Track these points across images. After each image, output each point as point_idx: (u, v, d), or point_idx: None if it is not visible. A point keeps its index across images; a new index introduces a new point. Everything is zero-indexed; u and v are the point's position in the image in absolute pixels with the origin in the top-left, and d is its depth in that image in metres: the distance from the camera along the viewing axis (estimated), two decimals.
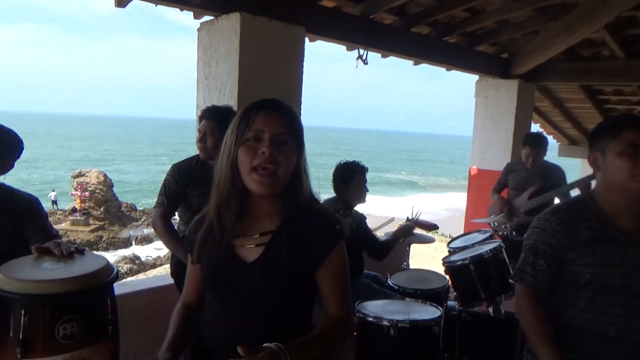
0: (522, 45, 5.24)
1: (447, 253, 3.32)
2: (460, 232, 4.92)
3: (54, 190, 27.43)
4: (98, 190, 24.71)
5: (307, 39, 3.42)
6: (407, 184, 48.83)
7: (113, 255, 20.40)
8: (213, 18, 3.14)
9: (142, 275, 14.34)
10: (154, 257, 20.03)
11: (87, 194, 24.12)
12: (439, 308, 2.60)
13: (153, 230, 3.08)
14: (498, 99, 5.52)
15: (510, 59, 5.36)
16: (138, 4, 2.98)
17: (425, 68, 5.40)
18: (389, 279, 3.27)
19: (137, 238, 23.47)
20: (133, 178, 43.09)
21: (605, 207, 1.61)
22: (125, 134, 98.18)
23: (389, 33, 4.15)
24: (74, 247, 1.80)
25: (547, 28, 4.80)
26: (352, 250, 2.63)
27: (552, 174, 3.98)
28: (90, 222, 23.64)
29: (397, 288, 3.12)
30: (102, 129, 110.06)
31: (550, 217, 1.64)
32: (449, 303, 3.03)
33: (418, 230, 3.55)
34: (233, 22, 2.98)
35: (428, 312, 2.57)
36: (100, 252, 21.37)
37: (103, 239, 22.69)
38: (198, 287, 1.43)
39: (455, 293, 3.02)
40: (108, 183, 25.65)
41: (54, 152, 58.91)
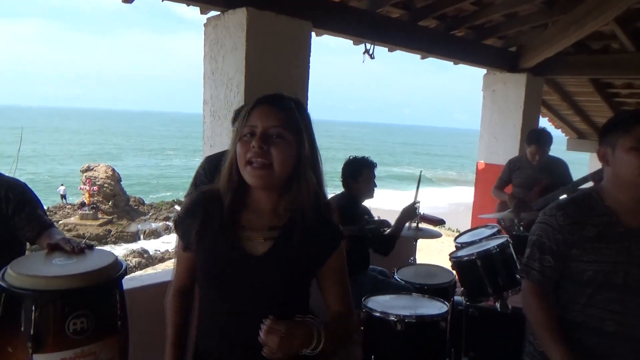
0: (530, 39, 5.19)
1: (454, 247, 3.32)
2: (467, 225, 4.92)
3: (63, 185, 27.64)
4: (106, 185, 24.86)
5: (313, 34, 3.41)
6: (413, 178, 48.71)
7: (122, 249, 20.56)
8: (219, 13, 3.14)
9: (150, 270, 14.44)
10: (162, 250, 20.14)
11: (95, 188, 24.28)
12: (446, 303, 2.60)
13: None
14: (506, 93, 5.48)
15: (519, 53, 5.32)
16: None
17: (433, 60, 5.40)
18: (396, 274, 3.27)
19: (145, 232, 23.62)
20: (141, 172, 43.28)
21: (612, 203, 1.60)
22: (132, 128, 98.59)
23: (396, 27, 4.12)
24: (84, 242, 1.81)
25: (556, 21, 4.75)
26: (358, 246, 2.64)
27: (556, 168, 3.99)
28: (99, 216, 23.81)
29: (403, 283, 3.12)
30: (109, 124, 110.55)
31: (557, 212, 1.62)
32: (456, 298, 3.02)
33: (425, 225, 3.55)
34: (239, 17, 2.98)
35: (435, 307, 2.58)
36: (109, 246, 21.55)
37: (111, 233, 22.86)
38: (191, 271, 1.42)
39: (462, 288, 3.01)
40: (116, 177, 25.79)
41: (62, 146, 59.28)
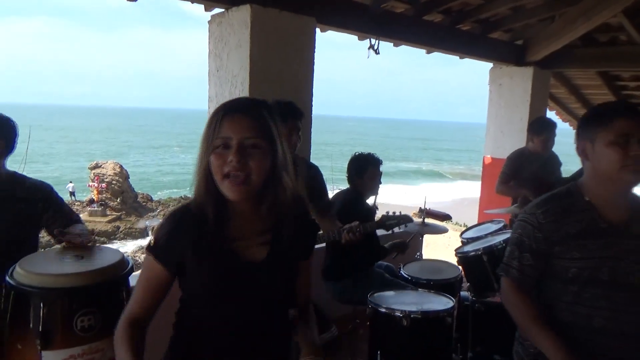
0: (537, 32, 5.14)
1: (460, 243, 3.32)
2: (474, 220, 4.90)
3: (72, 182, 27.86)
4: (114, 182, 25.02)
5: (317, 29, 3.40)
6: (420, 173, 48.56)
7: (130, 245, 20.70)
8: (224, 10, 3.14)
9: None
10: None
11: (103, 185, 24.44)
12: (452, 299, 2.60)
13: None
14: (512, 87, 5.44)
15: (525, 46, 5.27)
16: None
17: (439, 54, 5.40)
18: (402, 270, 3.27)
19: (153, 228, 23.73)
20: (148, 169, 43.50)
21: (593, 199, 1.57)
22: (139, 125, 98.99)
23: (401, 22, 4.11)
24: (94, 237, 1.83)
25: (563, 14, 4.71)
26: (366, 242, 2.64)
27: (556, 161, 4.08)
28: (108, 212, 23.98)
29: (410, 278, 3.12)
30: (116, 121, 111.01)
31: (536, 210, 1.60)
32: (462, 293, 3.03)
33: (431, 221, 3.55)
34: (243, 14, 2.98)
35: (441, 302, 2.57)
36: (118, 242, 21.72)
37: (120, 230, 23.01)
38: (161, 297, 1.33)
39: (468, 283, 3.01)
40: (124, 174, 25.95)
41: (70, 144, 59.68)
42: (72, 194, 26.77)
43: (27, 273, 1.57)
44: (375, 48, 3.93)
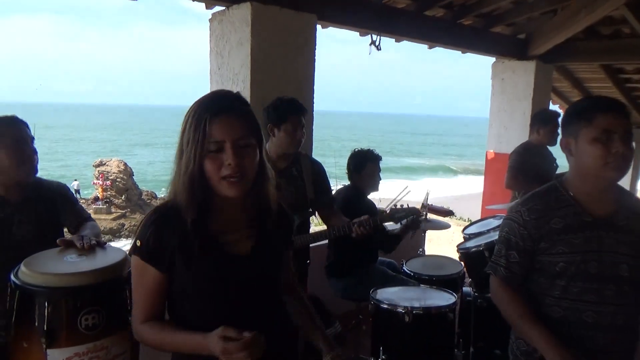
0: (539, 26, 5.12)
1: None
2: (477, 215, 4.91)
3: (77, 180, 27.98)
4: (119, 179, 25.11)
5: (319, 26, 3.40)
6: (424, 168, 48.47)
7: None
8: (224, 8, 3.14)
9: None
10: None
11: (108, 183, 24.54)
12: (454, 294, 2.61)
13: None
14: (515, 81, 5.42)
15: (528, 40, 5.25)
16: None
17: (442, 49, 5.36)
18: (405, 266, 3.28)
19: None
20: (153, 166, 43.61)
21: (577, 194, 1.58)
22: (144, 123, 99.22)
23: (402, 17, 4.09)
24: (96, 240, 1.86)
25: (565, 7, 4.68)
26: (366, 239, 2.65)
27: (551, 154, 4.05)
28: (112, 210, 24.09)
29: (412, 274, 3.13)
30: (120, 118, 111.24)
31: (521, 208, 1.61)
32: (465, 289, 3.04)
33: (433, 217, 3.55)
34: (244, 11, 2.99)
35: (443, 298, 2.58)
36: (123, 239, 21.81)
37: (125, 227, 23.11)
38: (164, 297, 1.32)
39: (470, 279, 3.02)
40: (128, 172, 26.03)
41: (74, 142, 59.89)
42: (77, 192, 26.85)
43: (31, 272, 1.59)
44: (377, 44, 3.93)
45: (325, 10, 3.40)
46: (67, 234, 2.11)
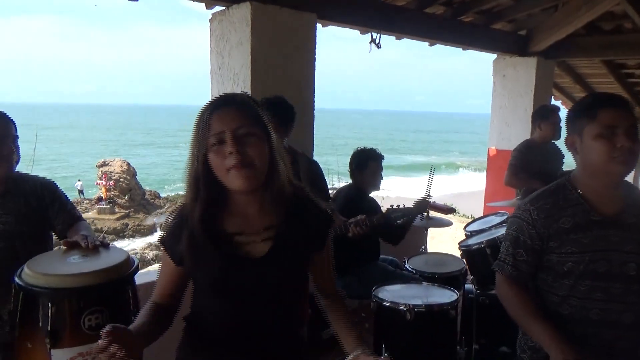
0: (540, 22, 5.11)
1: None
2: (480, 212, 4.90)
3: (80, 180, 28.07)
4: (122, 179, 25.16)
5: (319, 24, 3.40)
6: (426, 166, 48.37)
7: (139, 243, 20.84)
8: (224, 8, 3.15)
9: None
10: None
11: (111, 183, 24.59)
12: (456, 292, 2.61)
13: None
14: (516, 78, 5.41)
15: (529, 36, 5.24)
16: None
17: (443, 46, 5.34)
18: (407, 263, 3.28)
19: (161, 225, 23.77)
20: (156, 166, 43.68)
21: (585, 192, 1.57)
22: (146, 123, 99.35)
23: (402, 15, 4.09)
24: (100, 240, 1.86)
25: (566, 3, 4.68)
26: (368, 236, 2.65)
27: (559, 151, 4.03)
28: (116, 210, 24.13)
29: (414, 272, 3.14)
30: (122, 118, 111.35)
31: (530, 206, 1.60)
32: (467, 286, 3.04)
33: (435, 214, 3.55)
34: (244, 11, 2.99)
35: (445, 295, 2.58)
36: (126, 239, 21.88)
37: (129, 227, 23.16)
38: (176, 287, 1.39)
39: (472, 276, 3.02)
40: (131, 172, 26.08)
41: (77, 142, 60.00)
42: (80, 192, 26.97)
43: (34, 274, 1.60)
44: (377, 42, 3.93)
45: (325, 9, 3.41)
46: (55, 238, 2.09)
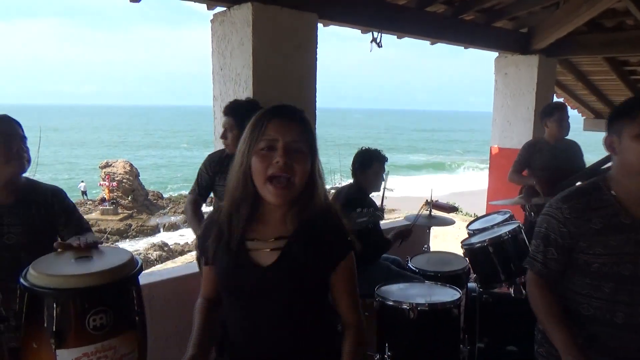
0: (541, 19, 5.09)
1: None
2: (483, 211, 4.90)
3: (83, 181, 28.16)
4: (125, 180, 25.23)
5: (320, 24, 3.41)
6: (429, 165, 48.33)
7: (142, 243, 20.89)
8: (225, 9, 3.16)
9: (170, 263, 14.68)
10: (182, 243, 20.42)
11: (114, 184, 24.66)
12: (459, 290, 2.61)
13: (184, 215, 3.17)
14: (518, 76, 5.40)
15: (530, 34, 5.23)
16: None
17: (445, 44, 5.32)
18: (410, 262, 3.29)
19: (164, 225, 23.95)
20: (158, 167, 43.75)
21: (619, 193, 1.57)
22: (149, 123, 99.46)
23: (403, 14, 4.09)
24: (93, 240, 1.86)
25: (567, 0, 4.66)
26: (370, 235, 2.66)
27: (574, 149, 3.97)
28: (119, 211, 24.21)
29: (417, 271, 3.14)
30: (126, 119, 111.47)
31: (562, 205, 1.61)
32: (470, 285, 3.04)
33: (438, 213, 3.55)
34: (245, 12, 3.00)
35: (448, 294, 2.59)
36: (130, 240, 21.94)
37: (132, 227, 23.22)
38: (215, 284, 1.46)
39: (475, 275, 3.03)
40: (134, 172, 26.15)
41: (80, 144, 60.17)
42: (84, 193, 27.06)
43: (39, 274, 1.61)
44: (378, 41, 3.93)
45: (326, 9, 3.41)
46: None
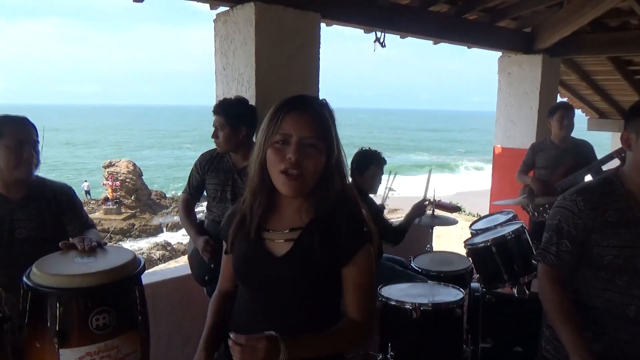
0: (545, 19, 5.08)
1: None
2: (486, 211, 4.89)
3: (87, 181, 28.26)
4: (128, 180, 25.30)
5: (323, 24, 3.40)
6: (432, 164, 48.26)
7: (145, 243, 20.94)
8: (228, 8, 3.16)
9: (173, 262, 14.70)
10: (185, 243, 20.44)
11: (117, 184, 24.74)
12: (462, 290, 2.61)
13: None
14: (522, 76, 5.38)
15: (534, 34, 5.21)
16: None
17: (448, 44, 5.32)
18: (413, 262, 3.29)
19: (167, 225, 24.01)
20: (161, 166, 43.84)
21: (633, 188, 1.58)
22: (151, 123, 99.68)
23: (406, 14, 4.08)
24: (97, 241, 1.87)
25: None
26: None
27: (582, 149, 3.91)
28: (122, 210, 24.29)
29: (420, 271, 3.14)
30: (127, 119, 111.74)
31: (577, 197, 1.61)
32: (473, 285, 3.03)
33: (440, 213, 3.55)
34: (248, 11, 3.00)
35: (451, 294, 2.59)
36: (133, 239, 22.00)
37: (135, 227, 23.28)
38: (232, 275, 1.48)
39: (478, 275, 3.02)
40: (137, 172, 26.22)
41: (84, 143, 60.35)
42: (87, 193, 27.16)
43: (42, 274, 1.61)
44: (382, 41, 3.93)
45: (329, 9, 3.40)
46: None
